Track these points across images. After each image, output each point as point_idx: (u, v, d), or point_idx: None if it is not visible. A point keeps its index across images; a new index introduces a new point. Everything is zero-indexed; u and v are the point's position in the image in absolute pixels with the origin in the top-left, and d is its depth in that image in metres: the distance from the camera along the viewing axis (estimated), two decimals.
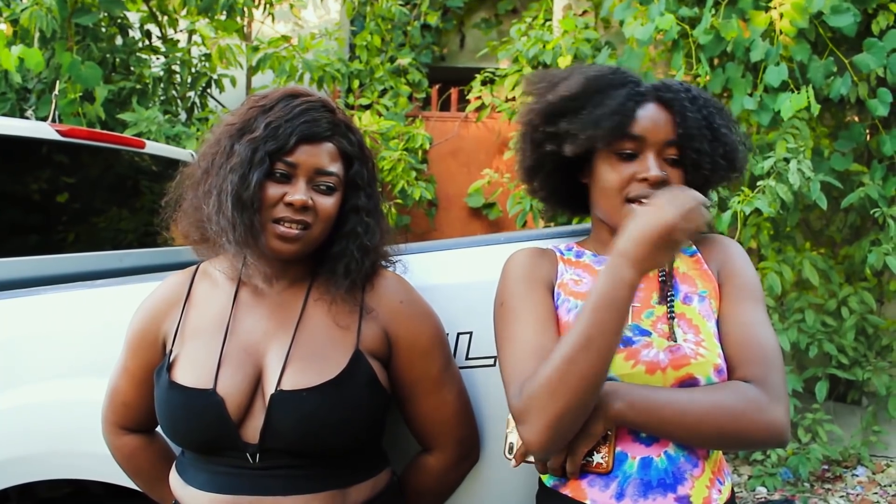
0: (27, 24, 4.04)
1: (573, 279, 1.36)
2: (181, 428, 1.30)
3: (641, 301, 1.32)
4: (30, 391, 1.66)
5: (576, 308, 1.30)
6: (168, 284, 1.45)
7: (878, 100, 3.52)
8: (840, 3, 3.35)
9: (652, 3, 3.67)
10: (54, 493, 1.88)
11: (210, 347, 1.32)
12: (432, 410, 1.40)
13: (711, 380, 1.23)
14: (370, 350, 1.34)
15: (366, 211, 1.35)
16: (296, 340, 1.32)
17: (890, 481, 3.96)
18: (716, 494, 1.26)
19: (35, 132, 2.79)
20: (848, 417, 4.27)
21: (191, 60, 5.08)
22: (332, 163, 1.31)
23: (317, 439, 1.26)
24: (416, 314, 1.40)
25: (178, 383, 1.29)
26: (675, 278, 1.35)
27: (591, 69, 1.38)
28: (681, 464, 1.24)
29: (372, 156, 1.40)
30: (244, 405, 1.28)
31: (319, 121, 1.30)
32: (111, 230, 3.20)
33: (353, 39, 5.96)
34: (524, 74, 1.10)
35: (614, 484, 1.23)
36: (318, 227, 1.30)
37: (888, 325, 4.04)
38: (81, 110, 4.27)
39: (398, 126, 5.26)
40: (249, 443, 1.27)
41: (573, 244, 1.46)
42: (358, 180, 1.34)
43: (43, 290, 1.81)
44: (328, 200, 1.31)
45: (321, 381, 1.27)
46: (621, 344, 1.23)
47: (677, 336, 1.27)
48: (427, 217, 5.72)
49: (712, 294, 1.33)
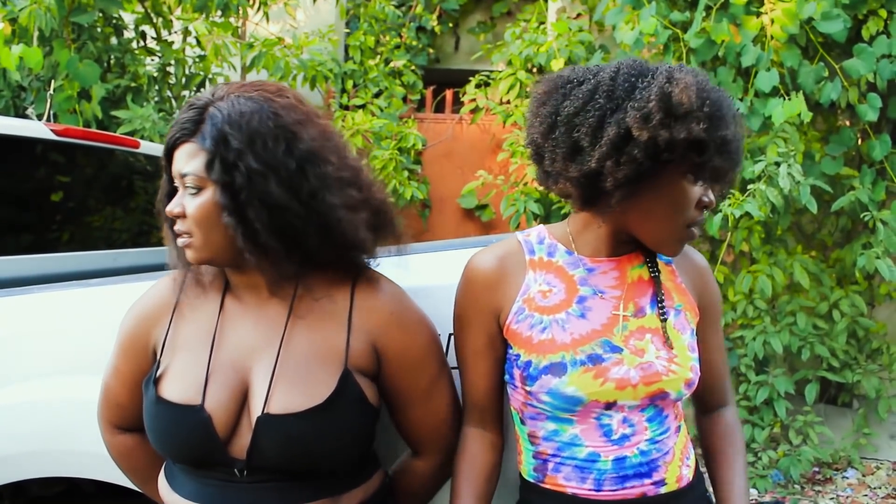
0: (26, 22, 4.05)
1: (541, 291, 1.30)
2: (168, 443, 1.27)
3: (614, 310, 1.29)
4: (22, 390, 1.66)
5: (540, 324, 1.27)
6: (158, 289, 1.40)
7: (868, 105, 3.55)
8: (830, 10, 3.38)
9: (643, 7, 3.69)
10: (46, 491, 1.89)
11: (197, 361, 1.28)
12: (422, 418, 1.37)
13: (682, 393, 1.28)
14: (358, 367, 1.28)
15: (226, 208, 1.19)
16: (281, 358, 1.26)
17: (879, 483, 3.99)
18: (685, 470, 1.32)
19: (30, 131, 2.80)
20: (838, 420, 4.29)
21: (185, 60, 5.09)
22: (189, 162, 1.21)
23: (305, 461, 1.23)
24: (407, 325, 1.32)
25: (166, 399, 1.26)
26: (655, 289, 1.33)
27: (730, 99, 1.22)
28: (653, 455, 1.27)
29: (262, 139, 1.19)
30: (231, 423, 1.24)
31: (178, 123, 1.23)
32: (105, 229, 3.21)
33: (347, 40, 5.96)
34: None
35: (591, 478, 1.26)
36: (196, 231, 1.22)
37: (878, 329, 4.07)
38: (78, 108, 4.28)
39: (390, 125, 5.27)
40: (237, 458, 1.24)
41: (545, 234, 1.37)
42: (211, 176, 1.20)
43: (36, 288, 1.81)
44: (193, 202, 1.22)
45: (309, 405, 1.22)
46: (590, 362, 1.24)
47: (650, 352, 1.27)
48: (420, 218, 5.74)
49: (687, 307, 1.34)
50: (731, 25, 3.54)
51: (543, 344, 1.26)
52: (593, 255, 1.32)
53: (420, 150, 5.52)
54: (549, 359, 1.25)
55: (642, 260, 1.33)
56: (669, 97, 1.14)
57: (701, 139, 1.14)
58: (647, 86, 1.17)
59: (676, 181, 1.20)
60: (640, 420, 1.27)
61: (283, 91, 1.27)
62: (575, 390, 1.23)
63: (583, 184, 1.21)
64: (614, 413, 1.26)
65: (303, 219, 1.21)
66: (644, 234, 1.27)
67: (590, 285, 1.30)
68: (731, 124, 1.18)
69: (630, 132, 1.15)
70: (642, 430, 1.27)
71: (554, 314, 1.28)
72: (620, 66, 1.21)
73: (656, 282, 1.32)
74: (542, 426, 1.30)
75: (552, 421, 1.28)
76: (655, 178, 1.18)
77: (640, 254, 1.33)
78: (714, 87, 1.20)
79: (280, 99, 1.24)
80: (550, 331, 1.27)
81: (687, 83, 1.15)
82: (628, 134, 1.15)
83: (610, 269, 1.32)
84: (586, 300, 1.29)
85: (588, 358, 1.24)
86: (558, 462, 1.29)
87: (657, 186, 1.20)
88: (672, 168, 1.18)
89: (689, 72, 1.19)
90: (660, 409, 1.29)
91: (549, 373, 1.24)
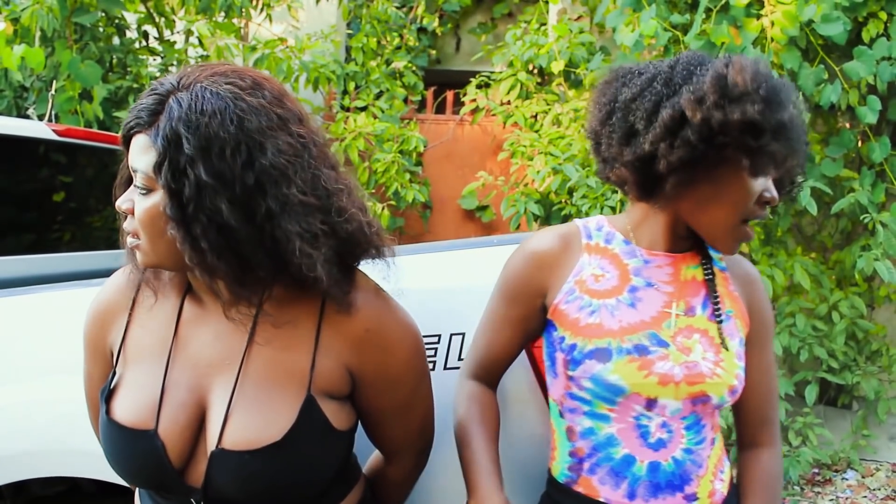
0: (28, 22, 4.06)
1: (594, 274, 1.29)
2: (122, 467, 1.16)
3: (664, 305, 1.28)
4: (23, 389, 1.67)
5: (589, 307, 1.27)
6: (115, 286, 1.26)
7: (868, 107, 3.55)
8: (831, 12, 3.38)
9: (643, 10, 3.70)
10: (47, 490, 1.90)
11: (151, 375, 1.15)
12: (397, 432, 1.28)
13: (724, 399, 1.26)
14: (325, 390, 1.14)
15: (171, 219, 1.03)
16: (240, 382, 1.12)
17: (879, 485, 3.99)
18: (719, 485, 1.31)
19: (32, 132, 2.81)
20: (838, 421, 4.30)
21: (187, 60, 5.09)
22: (141, 157, 1.05)
23: (265, 497, 1.11)
24: (383, 345, 1.17)
25: (117, 421, 1.14)
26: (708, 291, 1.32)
27: (791, 86, 1.21)
28: (687, 466, 1.26)
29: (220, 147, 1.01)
30: (186, 451, 1.13)
31: (136, 108, 1.07)
32: (107, 230, 3.22)
33: (348, 42, 5.97)
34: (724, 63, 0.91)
35: (625, 483, 1.25)
36: (142, 235, 1.09)
37: (878, 330, 4.07)
38: (79, 109, 4.29)
39: (392, 128, 5.28)
40: (194, 487, 1.13)
41: (604, 222, 1.36)
42: (160, 181, 1.03)
43: (37, 288, 1.82)
44: (141, 203, 1.07)
45: (264, 442, 1.09)
46: (636, 352, 1.23)
47: (697, 352, 1.25)
48: (421, 219, 5.74)
49: (738, 314, 1.33)
50: (732, 27, 3.55)
51: (590, 328, 1.25)
52: (650, 247, 1.31)
53: (421, 151, 5.52)
54: (594, 343, 1.24)
55: (698, 261, 1.33)
56: (724, 79, 1.14)
57: (755, 121, 1.12)
58: (704, 72, 1.17)
59: (734, 170, 1.18)
60: (679, 427, 1.26)
61: (260, 87, 1.07)
62: (618, 378, 1.22)
63: (637, 168, 1.21)
64: (653, 415, 1.25)
65: (254, 244, 1.04)
66: (700, 225, 1.25)
67: (643, 276, 1.29)
68: (788, 109, 1.15)
69: (684, 115, 1.14)
70: (679, 437, 1.26)
71: (604, 299, 1.27)
72: (681, 57, 1.22)
73: (710, 284, 1.31)
74: (579, 422, 1.29)
75: (589, 417, 1.28)
76: (712, 165, 1.17)
77: (697, 254, 1.33)
78: (774, 73, 1.18)
79: (251, 98, 1.04)
80: (599, 315, 1.26)
81: (743, 65, 1.15)
82: (682, 117, 1.15)
83: (665, 264, 1.30)
84: (638, 290, 1.28)
85: (634, 348, 1.23)
86: (594, 463, 1.28)
87: (714, 175, 1.18)
88: (729, 155, 1.16)
89: (749, 58, 1.19)
90: (699, 418, 1.28)
91: (593, 358, 1.24)
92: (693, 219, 1.25)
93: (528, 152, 4.66)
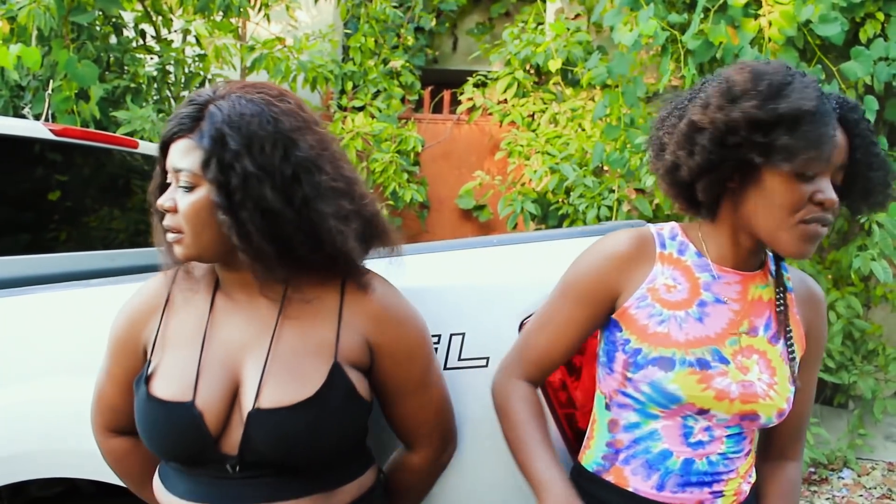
0: (25, 21, 4.05)
1: (666, 284, 1.31)
2: (160, 441, 1.27)
3: (730, 323, 1.29)
4: (21, 390, 1.66)
5: (659, 316, 1.28)
6: (148, 289, 1.40)
7: (865, 107, 3.55)
8: (828, 12, 3.38)
9: (641, 9, 3.70)
10: (46, 491, 1.89)
11: (188, 358, 1.28)
12: (415, 411, 1.39)
13: (772, 420, 1.29)
14: (349, 360, 1.29)
15: (220, 207, 1.19)
16: (272, 353, 1.26)
17: (875, 484, 4.00)
18: (746, 486, 1.34)
19: (28, 131, 2.80)
20: (834, 421, 4.31)
21: (185, 60, 5.08)
22: (184, 158, 1.21)
23: (297, 455, 1.24)
24: (398, 319, 1.34)
25: (156, 396, 1.26)
26: (775, 313, 1.32)
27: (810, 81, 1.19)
28: (720, 468, 1.29)
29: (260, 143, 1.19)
30: (222, 419, 1.25)
31: (176, 117, 1.23)
32: (103, 230, 3.21)
33: (346, 41, 5.97)
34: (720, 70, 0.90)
35: (656, 476, 1.29)
36: (187, 228, 1.23)
37: (874, 330, 4.08)
38: (76, 108, 4.28)
39: (390, 128, 5.27)
40: (229, 454, 1.24)
41: (678, 230, 1.36)
42: (206, 174, 1.20)
43: (34, 289, 1.82)
44: (185, 199, 1.22)
45: (299, 399, 1.22)
46: (697, 366, 1.25)
47: (754, 372, 1.28)
48: (419, 219, 5.74)
49: (796, 338, 1.34)
50: (729, 27, 3.55)
51: (658, 336, 1.27)
52: (720, 261, 1.32)
53: (419, 151, 5.53)
54: (659, 351, 1.26)
55: (767, 281, 1.33)
56: (726, 81, 1.18)
57: (756, 116, 1.13)
58: (716, 79, 1.22)
59: (772, 172, 1.19)
60: (721, 434, 1.29)
61: (285, 95, 1.26)
62: (677, 388, 1.24)
63: (667, 179, 1.29)
64: (701, 419, 1.28)
65: (294, 225, 1.21)
66: (760, 232, 1.25)
67: (712, 292, 1.30)
68: (798, 100, 1.14)
69: (696, 123, 1.20)
70: (719, 443, 1.29)
71: (674, 310, 1.29)
72: (715, 75, 1.26)
73: (781, 307, 1.31)
74: (625, 416, 1.32)
75: (638, 413, 1.30)
76: (737, 168, 1.20)
77: (767, 274, 1.34)
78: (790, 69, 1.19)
79: (281, 104, 1.23)
80: (667, 325, 1.28)
81: (746, 66, 1.18)
82: (695, 124, 1.20)
83: (734, 282, 1.32)
84: (706, 305, 1.30)
85: (697, 361, 1.25)
86: (630, 454, 1.31)
87: (753, 181, 1.21)
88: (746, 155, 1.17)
89: (762, 61, 1.22)
90: (742, 431, 1.31)
91: (656, 365, 1.26)
92: (751, 227, 1.26)
93: (525, 152, 4.66)
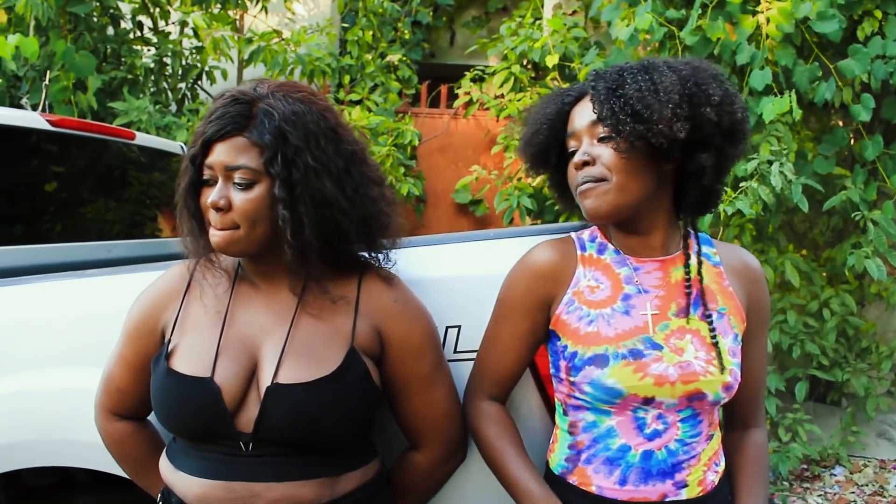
0: (22, 11, 4.03)
1: (590, 286, 1.37)
2: (177, 415, 1.31)
3: (659, 308, 1.34)
4: (15, 380, 1.67)
5: (587, 317, 1.33)
6: (170, 275, 1.45)
7: (862, 105, 3.56)
8: (826, 10, 3.39)
9: (639, 4, 3.70)
10: (39, 480, 1.89)
11: (208, 338, 1.33)
12: (422, 408, 1.42)
13: (720, 396, 1.31)
14: (363, 348, 1.34)
15: (283, 202, 1.26)
16: (291, 336, 1.32)
17: (867, 481, 4.02)
18: (711, 475, 1.36)
19: (25, 121, 2.80)
20: (827, 418, 4.32)
21: (182, 52, 5.07)
22: (240, 156, 1.26)
23: (310, 432, 1.27)
24: (408, 313, 1.39)
25: (177, 371, 1.30)
26: (698, 291, 1.35)
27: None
28: (680, 456, 1.31)
29: (315, 139, 1.28)
30: (240, 395, 1.29)
31: (225, 116, 1.26)
32: (99, 221, 3.21)
33: (344, 35, 5.95)
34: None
35: (617, 471, 1.31)
36: (244, 224, 1.27)
37: (868, 328, 4.09)
38: (73, 99, 4.27)
39: (387, 122, 5.27)
40: (243, 432, 1.28)
41: (597, 233, 1.44)
42: (270, 170, 1.26)
43: (30, 279, 1.82)
44: (243, 196, 1.27)
45: (317, 376, 1.28)
46: (631, 357, 1.28)
47: (689, 352, 1.30)
48: (415, 213, 5.74)
49: (732, 311, 1.37)
50: (727, 24, 3.55)
51: (589, 336, 1.32)
52: (631, 253, 1.38)
53: (416, 145, 5.52)
54: (593, 350, 1.30)
55: (684, 261, 1.36)
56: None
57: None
58: None
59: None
60: (675, 420, 1.31)
61: (318, 94, 1.35)
62: (615, 382, 1.28)
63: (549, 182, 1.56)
64: (651, 409, 1.30)
65: (346, 213, 1.29)
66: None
67: (634, 284, 1.35)
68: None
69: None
70: (674, 429, 1.31)
71: (600, 308, 1.34)
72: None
73: (689, 287, 1.34)
74: (582, 417, 1.35)
75: (592, 412, 1.33)
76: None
77: (683, 255, 1.37)
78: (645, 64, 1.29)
79: (320, 101, 1.33)
80: (596, 324, 1.32)
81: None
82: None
83: (654, 269, 1.37)
84: (631, 298, 1.34)
85: (629, 352, 1.29)
86: (591, 453, 1.34)
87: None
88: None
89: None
90: (696, 413, 1.32)
91: (592, 364, 1.30)
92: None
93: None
